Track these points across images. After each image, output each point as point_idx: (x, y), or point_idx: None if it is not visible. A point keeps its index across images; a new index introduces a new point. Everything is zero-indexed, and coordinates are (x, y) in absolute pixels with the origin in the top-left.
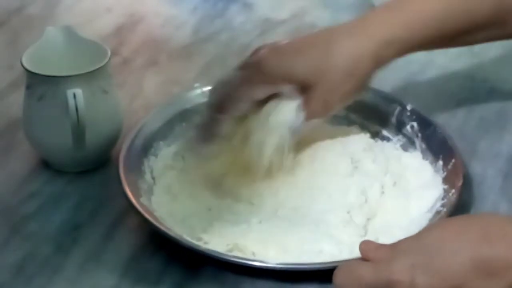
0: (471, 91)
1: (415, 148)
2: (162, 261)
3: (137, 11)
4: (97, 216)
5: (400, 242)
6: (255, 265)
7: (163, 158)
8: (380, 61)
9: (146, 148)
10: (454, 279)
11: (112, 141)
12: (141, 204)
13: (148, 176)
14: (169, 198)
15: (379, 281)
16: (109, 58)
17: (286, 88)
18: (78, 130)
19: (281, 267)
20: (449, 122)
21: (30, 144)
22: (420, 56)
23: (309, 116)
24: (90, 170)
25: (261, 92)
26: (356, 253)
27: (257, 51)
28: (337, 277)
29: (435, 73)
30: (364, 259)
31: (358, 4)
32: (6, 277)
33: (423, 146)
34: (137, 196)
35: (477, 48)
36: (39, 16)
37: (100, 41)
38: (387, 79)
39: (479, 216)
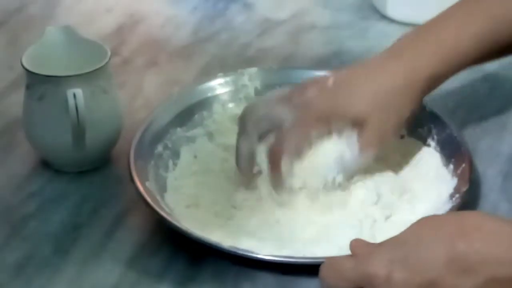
0: (471, 91)
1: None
2: (162, 260)
3: (137, 11)
4: (97, 216)
5: (386, 240)
6: (261, 258)
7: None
8: (429, 90)
9: (161, 134)
10: (430, 273)
11: (112, 141)
12: (147, 189)
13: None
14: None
15: (358, 275)
16: (109, 58)
17: (339, 125)
18: (78, 130)
19: (285, 260)
20: (449, 122)
21: (30, 144)
22: None
23: (363, 148)
24: (90, 170)
25: (317, 134)
26: None
27: (302, 89)
28: (322, 271)
29: None
30: (353, 255)
31: (358, 4)
32: (6, 277)
33: (438, 149)
34: (144, 180)
35: None
36: (39, 16)
37: (100, 41)
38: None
39: (456, 213)
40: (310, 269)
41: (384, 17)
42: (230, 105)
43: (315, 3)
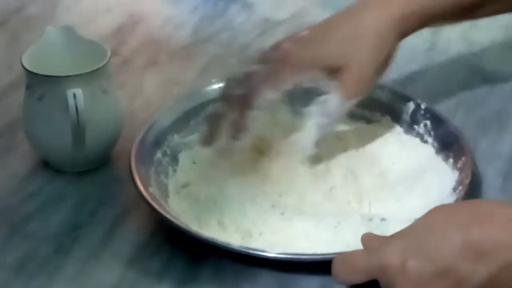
0: (471, 91)
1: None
2: (162, 260)
3: (137, 11)
4: (97, 216)
5: (398, 231)
6: (264, 256)
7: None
8: (404, 32)
9: (159, 141)
10: (444, 261)
11: (112, 141)
12: (150, 193)
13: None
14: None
15: (372, 267)
16: (109, 58)
17: (315, 74)
18: (78, 130)
19: (287, 258)
20: (445, 117)
21: (30, 144)
22: (420, 56)
23: (346, 97)
24: (90, 170)
25: (290, 82)
26: None
27: (277, 45)
28: (334, 266)
29: (435, 73)
30: (365, 249)
31: None
32: (6, 277)
33: (435, 145)
34: (146, 185)
35: (477, 47)
36: (39, 16)
37: (100, 41)
38: (387, 79)
39: (469, 201)
40: (312, 266)
41: None
42: None
43: (315, 3)
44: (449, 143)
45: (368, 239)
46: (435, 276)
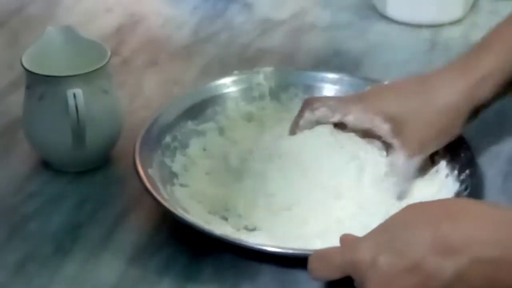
0: None
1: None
2: (162, 260)
3: (137, 11)
4: (97, 216)
5: (371, 230)
6: (265, 250)
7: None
8: (476, 99)
9: (170, 126)
10: (414, 256)
11: (112, 141)
12: (148, 175)
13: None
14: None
15: (345, 262)
16: (109, 58)
17: (380, 128)
18: (78, 130)
19: (289, 253)
20: None
21: (30, 144)
22: (420, 56)
23: (407, 153)
24: (90, 170)
25: (354, 118)
26: None
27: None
28: (310, 262)
29: None
30: (341, 246)
31: (358, 4)
32: (6, 277)
33: (443, 154)
34: (147, 167)
35: None
36: (39, 16)
37: (100, 41)
38: (387, 79)
39: (442, 199)
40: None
41: (384, 17)
42: (244, 102)
43: (315, 3)
44: (456, 154)
45: (345, 239)
46: (404, 272)
